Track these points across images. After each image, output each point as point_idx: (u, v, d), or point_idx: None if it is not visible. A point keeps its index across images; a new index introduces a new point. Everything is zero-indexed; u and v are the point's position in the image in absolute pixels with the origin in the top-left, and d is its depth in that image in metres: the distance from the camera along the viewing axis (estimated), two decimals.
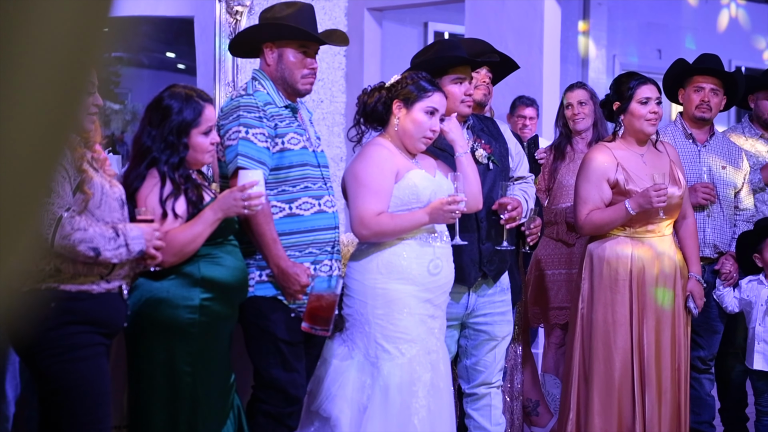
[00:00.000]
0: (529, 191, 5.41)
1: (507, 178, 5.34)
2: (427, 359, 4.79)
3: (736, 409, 6.81)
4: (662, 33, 11.63)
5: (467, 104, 5.20)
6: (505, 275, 5.34)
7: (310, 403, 4.84)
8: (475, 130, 5.35)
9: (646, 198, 5.41)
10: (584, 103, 6.47)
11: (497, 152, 5.34)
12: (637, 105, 5.59)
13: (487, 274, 5.23)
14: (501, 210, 5.16)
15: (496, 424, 5.34)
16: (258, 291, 4.72)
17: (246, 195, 4.36)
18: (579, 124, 6.46)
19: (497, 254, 5.22)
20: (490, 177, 5.26)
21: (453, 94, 5.14)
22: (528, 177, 5.50)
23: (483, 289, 5.27)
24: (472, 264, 5.15)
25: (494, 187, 5.23)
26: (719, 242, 6.37)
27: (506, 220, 5.15)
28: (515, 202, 5.18)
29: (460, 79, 5.18)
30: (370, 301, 4.78)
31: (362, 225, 4.77)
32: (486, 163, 5.27)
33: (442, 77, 5.15)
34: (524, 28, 7.65)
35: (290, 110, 4.83)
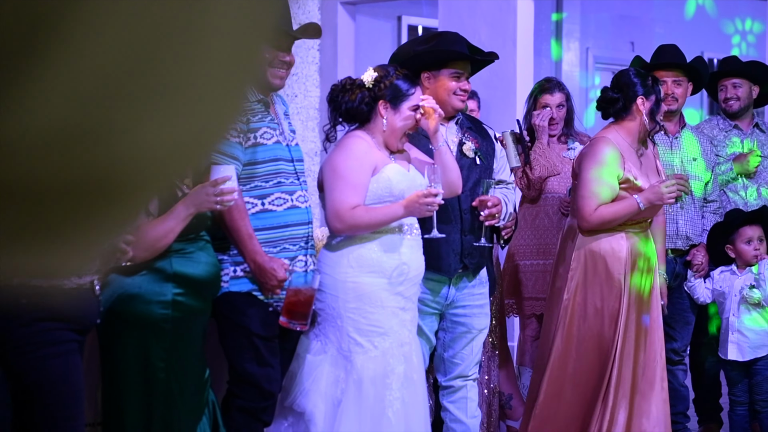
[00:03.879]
0: (509, 195, 5.43)
1: (490, 176, 5.36)
2: (400, 351, 4.80)
3: (710, 399, 6.84)
4: (634, 25, 11.65)
5: (460, 98, 5.24)
6: (484, 269, 5.36)
7: (283, 399, 4.84)
8: (463, 126, 5.37)
9: (657, 194, 5.42)
10: (562, 107, 6.47)
11: (483, 150, 5.36)
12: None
13: (467, 267, 5.24)
14: (481, 207, 5.17)
15: (472, 417, 5.35)
16: (232, 287, 4.71)
17: (218, 190, 4.35)
18: (554, 129, 6.46)
19: (478, 248, 5.24)
20: (476, 172, 5.28)
21: (448, 87, 5.17)
22: (509, 182, 5.52)
23: (463, 282, 5.28)
24: (454, 255, 5.16)
25: (479, 182, 5.26)
26: (691, 233, 6.40)
27: (485, 217, 5.17)
28: (496, 200, 5.20)
29: (459, 74, 5.22)
30: (341, 295, 4.78)
31: (337, 218, 4.76)
32: (473, 157, 5.29)
33: (441, 70, 5.18)
34: (497, 22, 7.66)
35: (262, 105, 4.82)
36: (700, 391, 6.86)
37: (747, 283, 6.24)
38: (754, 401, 6.33)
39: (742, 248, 6.27)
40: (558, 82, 6.63)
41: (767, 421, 6.31)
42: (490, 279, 5.55)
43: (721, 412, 6.85)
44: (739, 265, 6.31)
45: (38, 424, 4.07)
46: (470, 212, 5.22)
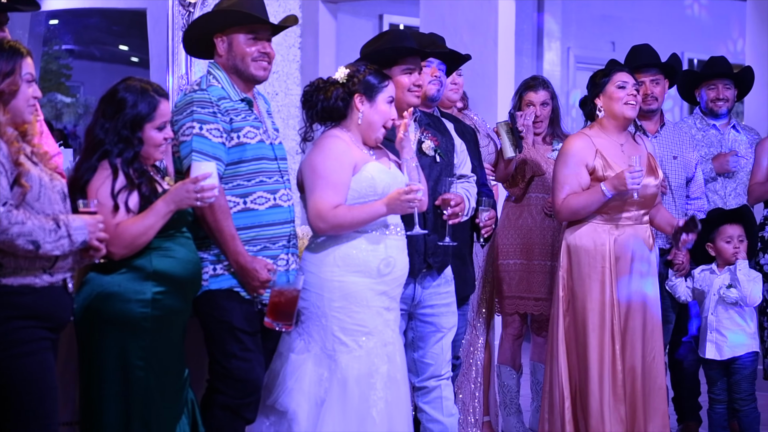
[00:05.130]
0: (471, 190, 5.42)
1: (451, 173, 5.35)
2: (384, 351, 4.80)
3: (689, 397, 6.87)
4: (616, 25, 11.69)
5: (415, 94, 5.22)
6: (449, 267, 5.35)
7: (266, 397, 4.82)
8: (422, 123, 5.36)
9: (621, 180, 5.47)
10: (546, 104, 6.48)
11: (443, 146, 5.36)
12: (614, 88, 5.65)
13: (432, 266, 5.24)
14: (444, 206, 5.17)
15: (449, 415, 5.34)
16: (212, 285, 4.70)
17: (198, 187, 4.34)
18: (539, 127, 6.47)
19: (442, 247, 5.23)
20: (436, 170, 5.27)
21: (402, 83, 5.16)
22: (470, 176, 5.51)
23: (427, 281, 5.27)
24: (417, 255, 5.15)
25: (440, 180, 5.25)
26: None
27: (449, 216, 5.17)
28: (458, 198, 5.19)
29: (410, 69, 5.20)
30: (326, 294, 4.78)
31: (319, 218, 4.76)
32: (432, 155, 5.28)
33: (392, 67, 5.17)
34: (479, 21, 7.66)
35: (246, 103, 4.81)
36: (679, 390, 6.89)
37: (725, 283, 6.27)
38: (733, 400, 6.36)
39: (722, 247, 6.30)
40: (543, 80, 6.64)
41: (746, 419, 6.34)
42: (469, 278, 5.57)
43: (700, 410, 6.88)
44: (719, 264, 6.34)
45: (12, 423, 4.04)
46: (433, 211, 5.20)
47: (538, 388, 6.44)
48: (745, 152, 6.93)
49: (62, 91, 10.33)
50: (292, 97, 8.36)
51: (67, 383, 4.53)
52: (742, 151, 6.93)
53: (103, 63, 10.03)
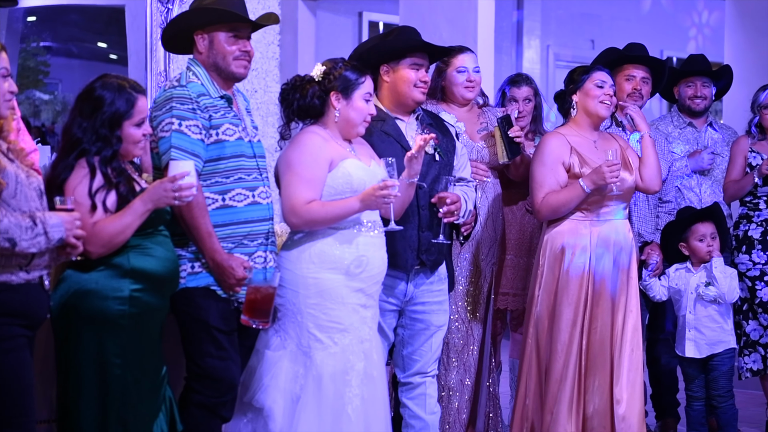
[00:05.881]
0: (469, 193, 5.43)
1: (450, 173, 5.36)
2: (360, 348, 4.80)
3: (666, 395, 6.89)
4: (595, 24, 11.71)
5: (421, 90, 5.26)
6: (443, 265, 5.36)
7: (242, 395, 4.82)
8: (424, 122, 5.37)
9: (600, 174, 5.48)
10: (529, 101, 6.48)
11: (443, 146, 5.37)
12: (592, 86, 5.66)
13: (425, 263, 5.25)
14: (440, 204, 5.18)
15: (431, 413, 5.36)
16: (190, 282, 4.70)
17: (176, 186, 4.33)
18: (521, 122, 6.47)
19: (436, 245, 5.24)
20: (435, 168, 5.28)
21: (408, 78, 5.19)
22: (470, 181, 5.52)
23: (420, 278, 5.28)
24: (410, 251, 5.16)
25: (438, 178, 5.25)
26: (644, 231, 6.44)
27: (444, 214, 5.18)
28: (455, 197, 5.21)
29: (418, 65, 5.24)
30: (302, 290, 4.78)
31: (293, 213, 4.76)
32: (432, 153, 5.29)
33: (400, 61, 5.19)
34: (458, 19, 7.66)
35: (225, 100, 4.81)
36: (657, 387, 6.91)
37: (702, 281, 6.29)
38: (711, 397, 6.38)
39: (695, 245, 6.32)
40: (527, 77, 6.65)
41: (724, 416, 6.36)
42: (448, 276, 5.57)
43: (678, 407, 6.90)
44: (693, 263, 6.36)
45: None
46: (428, 209, 5.22)
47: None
48: (722, 150, 6.95)
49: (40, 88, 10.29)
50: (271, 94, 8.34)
51: (44, 381, 4.51)
52: (719, 149, 6.96)
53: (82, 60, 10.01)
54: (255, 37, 4.99)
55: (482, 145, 6.02)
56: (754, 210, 6.73)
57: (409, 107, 5.33)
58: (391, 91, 5.32)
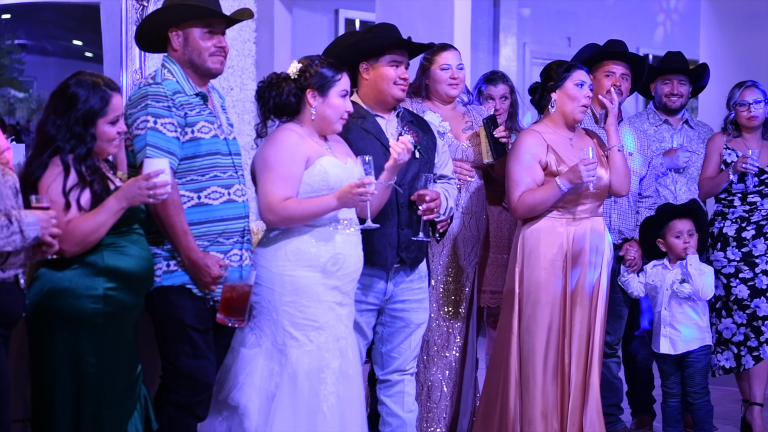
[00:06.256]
0: (450, 191, 5.43)
1: (431, 171, 5.36)
2: (335, 346, 4.80)
3: (643, 391, 6.91)
4: (571, 21, 11.74)
5: (401, 87, 5.25)
6: (423, 263, 5.36)
7: (218, 393, 4.81)
8: (405, 120, 5.37)
9: (576, 173, 5.49)
10: (505, 98, 6.49)
11: (424, 144, 5.37)
12: (573, 86, 5.66)
13: (404, 261, 5.24)
14: (419, 201, 5.18)
15: (409, 411, 5.36)
16: (165, 281, 4.68)
17: (151, 184, 4.31)
18: (498, 119, 6.48)
19: (415, 242, 5.24)
20: (415, 166, 5.28)
21: (388, 75, 5.19)
22: (451, 178, 5.51)
23: (400, 276, 5.28)
24: (390, 249, 5.16)
25: (418, 176, 5.25)
26: (624, 228, 6.45)
27: (423, 211, 5.17)
28: (434, 195, 5.21)
29: (397, 62, 5.23)
30: (277, 288, 4.77)
31: (269, 210, 4.75)
32: (412, 151, 5.28)
33: (379, 59, 5.18)
34: (435, 16, 7.66)
35: (200, 98, 4.80)
36: (633, 384, 6.93)
37: (678, 278, 6.31)
38: (687, 393, 6.40)
39: (672, 242, 6.33)
40: (503, 74, 6.66)
41: (699, 412, 6.38)
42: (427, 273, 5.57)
43: (654, 404, 6.92)
44: (670, 259, 6.37)
45: None
46: (408, 206, 5.22)
47: None
48: (697, 147, 6.97)
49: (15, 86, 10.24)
50: (247, 92, 8.33)
51: (19, 380, 4.50)
52: (694, 146, 6.98)
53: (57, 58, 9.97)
54: (231, 34, 4.98)
55: (467, 144, 6.02)
56: (729, 207, 6.75)
57: (390, 104, 5.33)
58: (371, 89, 5.31)
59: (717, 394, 7.00)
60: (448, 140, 5.85)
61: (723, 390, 7.57)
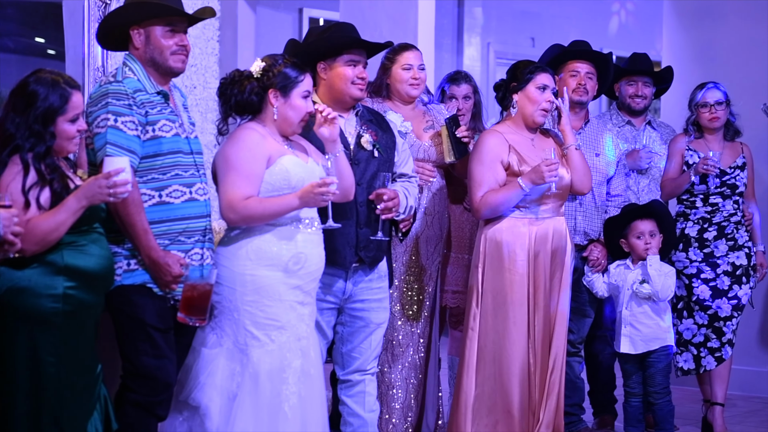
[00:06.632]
0: (410, 189, 5.43)
1: (390, 170, 5.36)
2: (297, 346, 4.79)
3: (604, 391, 6.94)
4: (535, 21, 11.77)
5: (359, 87, 5.24)
6: (383, 262, 5.36)
7: (178, 393, 4.79)
8: (364, 119, 5.36)
9: (538, 173, 5.50)
10: (468, 98, 6.50)
11: (383, 142, 5.36)
12: (535, 89, 5.68)
13: (363, 260, 5.24)
14: (377, 200, 5.17)
15: (370, 411, 5.36)
16: (125, 280, 4.66)
17: (111, 182, 4.29)
18: (461, 121, 6.48)
19: (374, 241, 5.24)
20: (374, 165, 5.28)
21: (345, 75, 5.18)
22: (411, 176, 5.51)
23: (359, 275, 5.28)
24: (348, 247, 5.15)
25: (377, 175, 5.25)
26: (589, 230, 6.48)
27: (381, 211, 5.17)
28: (392, 194, 5.21)
29: (354, 61, 5.22)
30: (239, 287, 4.75)
31: (230, 209, 4.74)
32: (371, 150, 5.28)
33: (336, 58, 5.17)
34: (399, 15, 7.66)
35: (162, 96, 4.78)
36: (595, 383, 6.95)
37: (638, 278, 6.34)
38: (648, 393, 6.44)
39: (633, 243, 6.37)
40: (466, 74, 6.67)
41: (660, 412, 6.42)
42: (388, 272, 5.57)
43: (615, 403, 6.95)
44: (633, 259, 6.40)
45: None
46: (366, 205, 5.22)
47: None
48: (659, 148, 7.01)
49: None
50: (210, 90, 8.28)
51: None
52: (657, 147, 7.02)
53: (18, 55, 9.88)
54: (194, 32, 4.97)
55: (429, 143, 6.02)
56: (691, 208, 6.79)
57: (348, 104, 5.32)
58: (328, 88, 5.30)
59: (678, 394, 7.05)
60: (410, 140, 5.85)
61: (684, 390, 7.63)
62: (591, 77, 6.48)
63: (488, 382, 5.66)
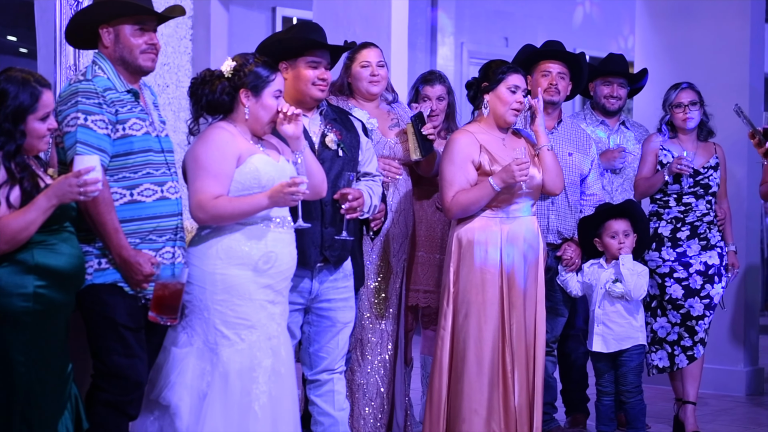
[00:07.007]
0: (374, 188, 5.42)
1: (354, 169, 5.35)
2: (267, 345, 4.78)
3: (577, 390, 6.96)
4: (509, 21, 11.79)
5: (319, 88, 5.22)
6: (348, 261, 5.35)
7: (149, 392, 4.78)
8: (328, 118, 5.35)
9: (509, 172, 5.51)
10: (442, 99, 6.50)
11: (347, 142, 5.35)
12: (506, 90, 5.68)
13: (328, 260, 5.23)
14: (342, 200, 5.16)
15: (340, 409, 5.34)
16: (96, 279, 4.65)
17: (81, 181, 4.27)
18: (434, 121, 6.49)
19: (339, 241, 5.23)
20: (338, 164, 5.27)
21: (306, 76, 5.16)
22: (375, 175, 5.50)
23: (324, 275, 5.27)
24: (313, 247, 5.14)
25: (341, 174, 5.23)
26: (563, 229, 6.49)
27: (346, 210, 5.16)
28: (357, 193, 5.20)
29: (315, 62, 5.20)
30: (209, 287, 4.74)
31: (200, 208, 4.73)
32: (335, 149, 5.27)
33: (297, 59, 5.15)
34: (372, 15, 7.65)
35: (132, 95, 4.77)
36: (567, 382, 6.96)
37: (611, 277, 6.35)
38: (620, 392, 6.46)
39: (607, 242, 6.39)
40: (440, 74, 6.67)
41: (632, 411, 6.44)
42: (358, 272, 5.56)
43: (587, 402, 6.97)
44: (606, 259, 6.42)
45: None
46: (331, 205, 5.21)
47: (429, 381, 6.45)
48: (633, 148, 7.04)
49: None
50: (182, 89, 8.27)
51: None
52: (630, 147, 7.04)
53: None
54: (166, 31, 4.95)
55: (395, 141, 6.03)
56: (664, 207, 6.81)
57: (309, 104, 5.31)
58: (291, 89, 5.28)
59: (650, 392, 7.08)
60: (375, 137, 5.86)
61: (656, 389, 7.66)
62: (563, 77, 6.49)
63: (461, 382, 5.65)
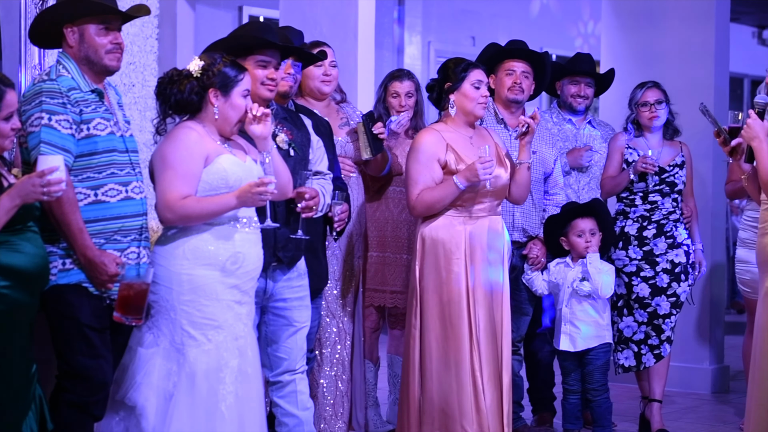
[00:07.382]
0: (326, 187, 5.41)
1: (306, 168, 5.34)
2: (234, 345, 4.76)
3: (543, 388, 6.97)
4: (476, 20, 11.81)
5: (268, 88, 5.17)
6: (302, 261, 5.33)
7: (115, 393, 4.76)
8: (278, 117, 5.33)
9: (473, 171, 5.52)
10: (411, 95, 6.51)
11: (298, 141, 5.34)
12: (470, 87, 5.69)
13: (281, 260, 5.21)
14: (298, 199, 5.15)
15: (304, 409, 5.33)
16: (61, 279, 4.63)
17: (45, 181, 4.25)
18: (405, 117, 6.49)
19: (292, 241, 5.21)
20: (290, 163, 5.24)
21: (255, 76, 5.12)
22: (326, 173, 5.49)
23: (278, 275, 5.24)
24: (266, 248, 5.09)
25: (294, 174, 5.22)
26: (528, 226, 6.50)
27: (302, 209, 5.15)
28: (313, 192, 5.18)
29: (265, 62, 5.16)
30: (175, 287, 4.72)
31: (167, 208, 4.70)
32: (286, 149, 5.26)
33: (247, 58, 5.11)
34: (339, 14, 7.64)
35: (96, 95, 4.75)
36: (534, 381, 6.98)
37: (578, 276, 6.37)
38: (586, 390, 6.48)
39: (574, 241, 6.41)
40: (409, 72, 6.71)
41: (598, 409, 6.46)
42: (322, 272, 5.55)
43: (554, 401, 6.98)
44: (573, 257, 6.44)
45: None
46: (284, 204, 5.18)
47: (396, 380, 6.47)
48: (599, 147, 7.06)
49: None
50: (148, 88, 8.24)
51: None
52: (597, 146, 7.07)
53: None
54: (132, 30, 4.93)
55: (345, 139, 6.07)
56: (631, 206, 6.83)
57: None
58: None
59: (616, 391, 7.10)
60: None
61: (622, 387, 7.69)
62: (527, 76, 6.51)
63: (433, 380, 5.65)
